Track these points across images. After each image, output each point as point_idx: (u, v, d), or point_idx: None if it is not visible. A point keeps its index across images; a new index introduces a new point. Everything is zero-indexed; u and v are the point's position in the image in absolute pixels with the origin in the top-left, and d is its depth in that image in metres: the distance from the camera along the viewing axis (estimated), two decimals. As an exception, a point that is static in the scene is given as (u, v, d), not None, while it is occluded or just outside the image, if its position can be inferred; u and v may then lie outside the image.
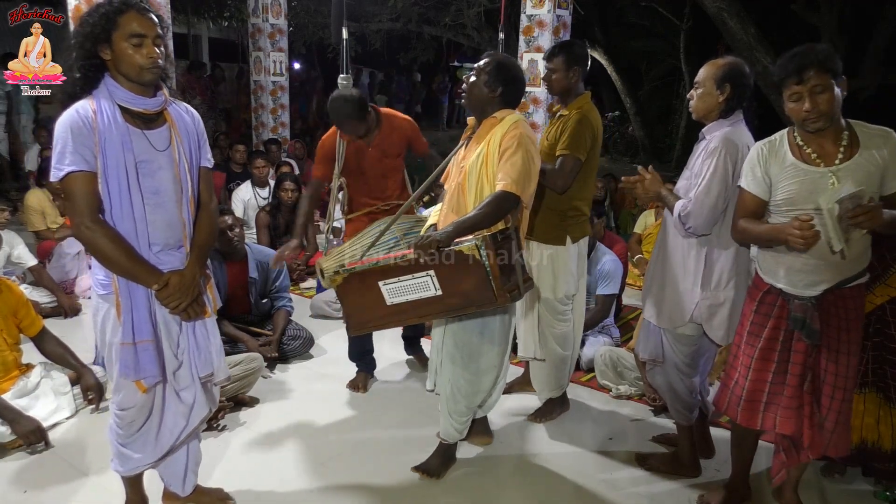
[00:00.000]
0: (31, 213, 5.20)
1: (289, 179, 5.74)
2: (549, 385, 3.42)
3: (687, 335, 2.76)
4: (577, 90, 3.15)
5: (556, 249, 3.18)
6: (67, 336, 3.55)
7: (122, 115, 2.09)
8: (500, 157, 2.54)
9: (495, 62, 2.65)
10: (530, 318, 3.29)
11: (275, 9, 8.18)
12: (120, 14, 2.02)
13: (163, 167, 2.16)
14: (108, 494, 2.66)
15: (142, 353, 2.17)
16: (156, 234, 2.18)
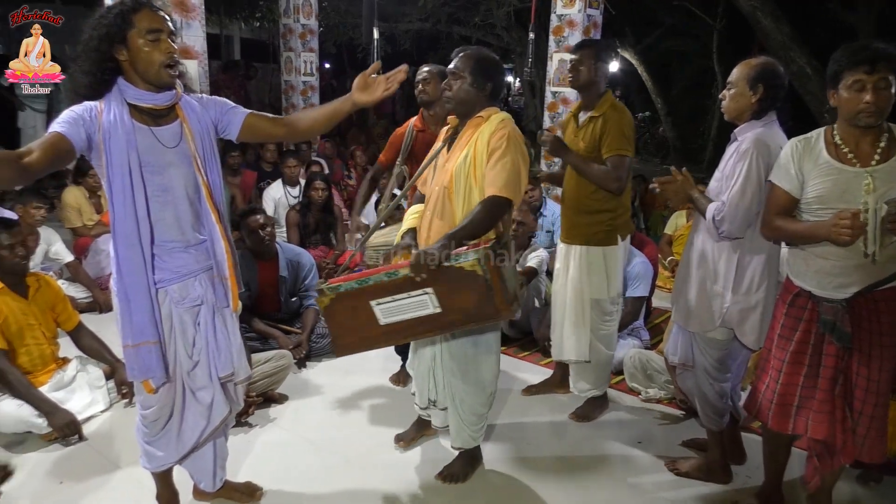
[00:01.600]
0: (68, 211, 5.31)
1: (319, 179, 5.78)
2: (591, 386, 3.42)
3: (717, 339, 2.72)
4: (601, 88, 3.14)
5: (609, 249, 3.18)
6: (102, 331, 3.62)
7: (130, 113, 2.07)
8: (489, 159, 2.46)
9: (475, 59, 2.56)
10: (579, 321, 3.27)
11: (306, 9, 8.24)
12: (134, 13, 2.02)
13: (173, 164, 2.14)
14: (140, 487, 2.71)
15: (144, 354, 2.16)
16: (166, 232, 2.16)
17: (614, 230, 3.17)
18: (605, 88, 3.16)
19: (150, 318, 2.14)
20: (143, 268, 2.11)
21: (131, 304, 2.12)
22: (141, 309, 2.13)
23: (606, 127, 3.04)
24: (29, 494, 2.72)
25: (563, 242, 3.34)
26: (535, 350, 4.25)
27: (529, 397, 3.67)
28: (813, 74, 7.00)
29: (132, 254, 2.09)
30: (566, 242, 3.31)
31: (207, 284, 2.28)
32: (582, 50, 3.12)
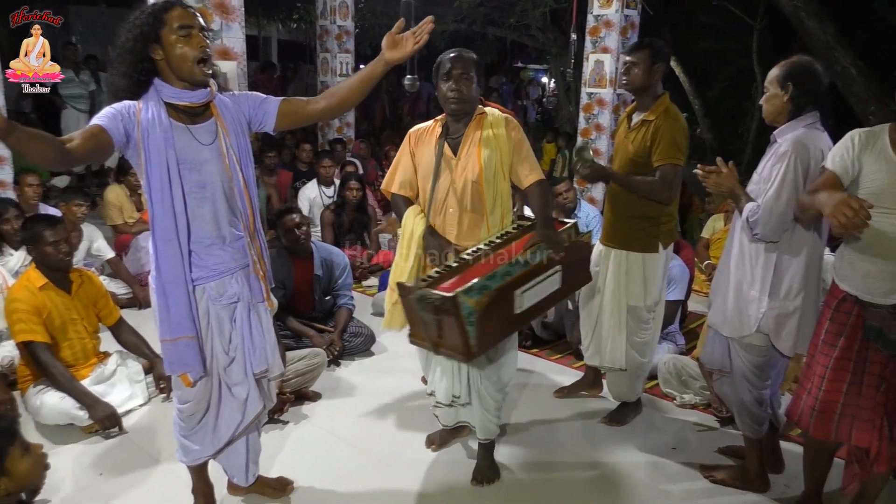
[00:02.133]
0: (110, 208, 5.43)
1: (354, 179, 5.83)
2: (625, 391, 3.38)
3: (755, 345, 2.66)
4: (657, 90, 3.07)
5: (649, 256, 3.11)
6: (141, 326, 3.69)
7: (167, 112, 2.12)
8: (518, 151, 2.69)
9: (475, 61, 2.65)
10: (616, 327, 3.23)
11: (342, 11, 8.31)
12: (166, 11, 2.07)
13: (209, 160, 2.18)
14: (176, 480, 2.75)
15: (182, 348, 2.20)
16: (203, 229, 2.20)
17: (656, 237, 3.10)
18: (661, 91, 3.08)
19: (188, 312, 2.18)
20: (180, 263, 2.15)
21: (169, 300, 2.16)
22: (178, 304, 2.17)
23: (659, 134, 2.95)
24: (70, 485, 2.79)
25: (603, 245, 3.29)
26: (567, 353, 4.22)
27: (561, 400, 3.65)
28: (858, 76, 6.83)
29: (170, 249, 2.13)
30: (605, 245, 3.26)
31: (244, 281, 2.32)
32: (637, 51, 3.04)
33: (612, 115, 6.09)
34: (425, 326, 2.41)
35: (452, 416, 2.95)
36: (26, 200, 4.66)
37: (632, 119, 3.17)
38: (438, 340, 2.41)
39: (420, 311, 2.36)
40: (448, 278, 2.49)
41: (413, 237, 2.71)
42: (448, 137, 2.72)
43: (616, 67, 5.94)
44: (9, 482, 1.84)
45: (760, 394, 2.74)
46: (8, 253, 4.11)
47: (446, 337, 2.36)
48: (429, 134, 2.78)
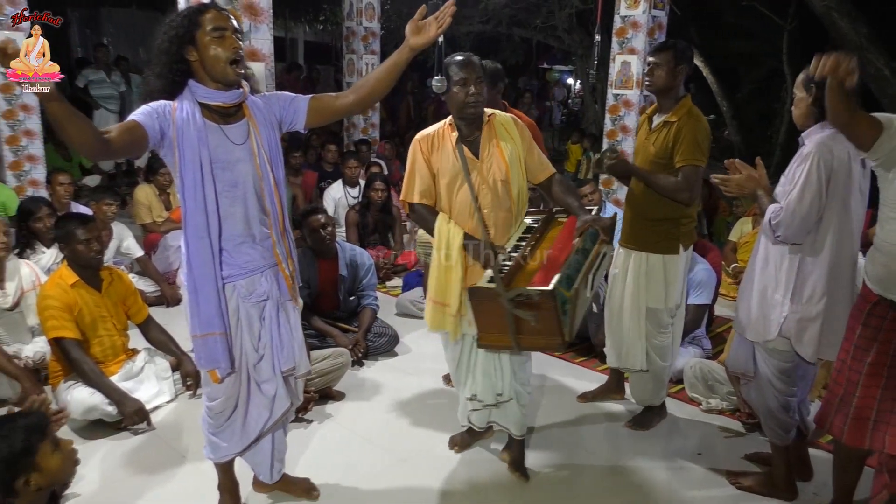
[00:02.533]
0: (139, 207, 5.51)
1: (379, 179, 5.86)
2: (648, 395, 3.35)
3: (779, 350, 2.62)
4: (679, 91, 3.05)
5: (669, 258, 3.10)
6: (169, 324, 3.74)
7: (202, 112, 2.16)
8: (531, 149, 2.80)
9: (482, 65, 2.72)
10: (636, 329, 3.21)
11: (368, 12, 8.35)
12: (200, 14, 2.12)
13: (241, 160, 2.22)
14: (203, 476, 2.78)
15: (211, 345, 2.24)
16: (234, 227, 2.23)
17: (676, 239, 3.09)
18: (683, 93, 3.07)
19: (217, 309, 2.22)
20: (211, 260, 2.19)
21: (199, 296, 2.20)
22: (208, 300, 2.20)
23: (681, 135, 2.94)
24: (98, 480, 2.83)
25: (622, 247, 3.27)
26: (591, 356, 4.19)
27: (584, 403, 3.62)
28: (891, 77, 6.70)
29: (201, 247, 2.17)
30: (625, 247, 3.25)
31: (273, 279, 2.35)
32: (660, 52, 3.03)
33: (639, 117, 6.03)
34: (511, 325, 2.41)
35: (485, 417, 2.98)
36: (58, 199, 4.75)
37: (653, 120, 3.15)
38: (523, 337, 2.44)
39: (514, 309, 2.36)
40: (517, 275, 2.55)
41: (453, 244, 2.70)
42: (464, 141, 2.73)
43: (643, 69, 5.89)
44: (40, 477, 1.87)
45: (787, 400, 2.70)
46: (40, 250, 4.19)
47: (539, 331, 2.39)
48: (441, 140, 2.76)
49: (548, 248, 2.71)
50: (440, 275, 2.74)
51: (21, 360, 3.43)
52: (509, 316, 2.39)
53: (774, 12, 10.53)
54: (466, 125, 2.72)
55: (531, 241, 2.75)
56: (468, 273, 2.69)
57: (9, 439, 1.83)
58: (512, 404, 2.89)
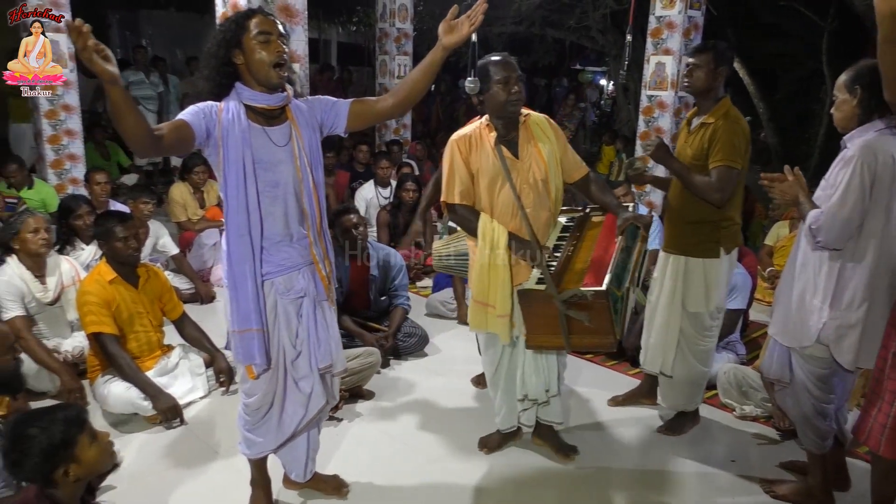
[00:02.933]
0: (174, 205, 5.61)
1: (410, 180, 5.88)
2: (682, 401, 3.31)
3: (816, 357, 2.56)
4: (718, 93, 3.01)
5: (710, 262, 3.05)
6: (202, 321, 3.80)
7: (247, 114, 2.22)
8: (565, 149, 2.83)
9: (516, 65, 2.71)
10: (670, 333, 3.18)
11: (401, 13, 8.39)
12: (248, 19, 2.18)
13: (283, 161, 2.26)
14: (235, 472, 2.82)
15: (248, 340, 2.28)
16: (274, 226, 2.28)
17: (717, 242, 3.03)
18: (722, 94, 3.02)
19: (255, 306, 2.26)
20: (251, 258, 2.23)
21: (238, 293, 2.25)
22: (247, 297, 2.25)
23: (717, 135, 2.90)
24: (132, 472, 2.88)
25: (664, 251, 3.24)
26: (623, 360, 4.15)
27: (615, 407, 3.59)
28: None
29: (242, 244, 2.22)
30: (666, 251, 3.21)
31: (310, 278, 2.39)
32: (700, 54, 2.99)
33: (673, 119, 5.97)
34: (563, 325, 2.45)
35: (534, 415, 3.04)
36: (96, 198, 4.85)
37: (692, 123, 3.11)
38: (574, 336, 2.48)
39: (566, 309, 2.40)
40: (563, 277, 2.58)
41: (498, 244, 2.70)
42: (502, 141, 2.74)
43: (678, 70, 5.82)
44: (78, 468, 1.92)
45: (824, 407, 2.63)
46: (80, 247, 4.29)
47: (592, 330, 2.44)
48: (478, 139, 2.77)
49: (591, 248, 2.74)
50: (484, 275, 2.74)
51: (60, 354, 3.51)
52: (562, 317, 2.42)
53: (814, 12, 10.32)
54: (504, 125, 2.73)
55: (572, 240, 2.77)
56: (514, 273, 2.71)
57: (49, 431, 1.88)
58: (556, 398, 2.99)
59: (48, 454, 1.87)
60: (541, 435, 3.13)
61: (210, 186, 5.78)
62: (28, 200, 5.19)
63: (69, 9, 5.55)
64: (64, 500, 1.92)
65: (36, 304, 3.54)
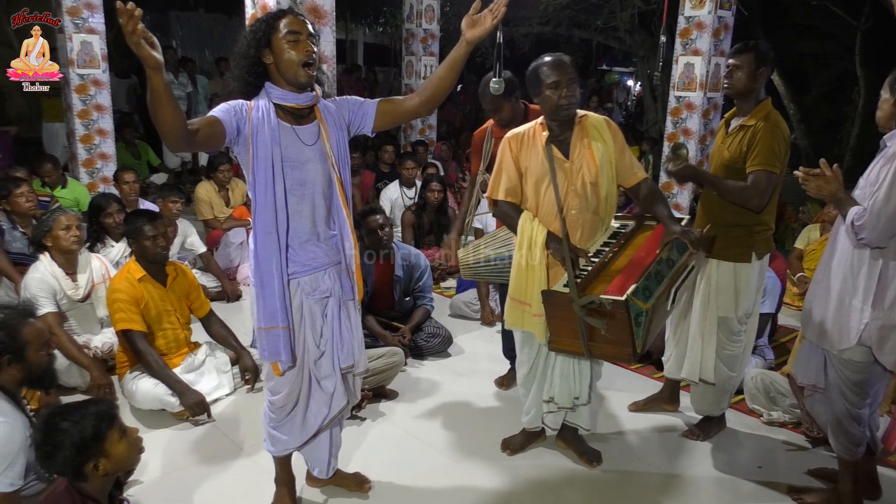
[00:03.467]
0: (200, 204, 5.68)
1: (435, 181, 5.88)
2: (709, 405, 3.27)
3: (854, 361, 2.51)
4: (759, 95, 2.96)
5: (739, 266, 3.01)
6: (229, 319, 3.84)
7: (276, 112, 2.23)
8: (622, 152, 2.77)
9: (573, 63, 2.71)
10: (702, 338, 3.14)
11: (428, 14, 8.41)
12: (278, 19, 2.20)
13: (310, 160, 2.28)
14: (259, 470, 2.85)
15: (273, 338, 2.30)
16: (301, 225, 2.30)
17: (749, 247, 2.98)
18: (763, 96, 2.97)
19: (281, 304, 2.28)
20: (277, 256, 2.25)
21: (265, 290, 2.27)
22: (273, 294, 2.27)
23: (756, 139, 2.85)
24: (159, 468, 2.93)
25: None
26: (647, 363, 4.12)
27: (639, 415, 3.55)
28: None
29: (269, 242, 2.24)
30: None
31: (336, 278, 2.41)
32: (741, 54, 2.92)
33: (702, 120, 5.90)
34: (582, 331, 2.43)
35: (561, 419, 3.01)
36: (125, 196, 4.92)
37: (730, 124, 3.06)
38: (594, 345, 2.46)
39: (585, 316, 2.38)
40: (594, 281, 2.55)
41: (536, 244, 2.71)
42: (555, 141, 2.74)
43: (707, 71, 5.76)
44: (107, 463, 1.95)
45: (858, 412, 2.58)
46: (110, 244, 4.36)
47: (611, 340, 2.39)
48: (531, 138, 2.77)
49: (631, 255, 2.69)
50: (521, 273, 2.75)
51: (90, 350, 3.57)
52: (581, 323, 2.39)
53: (847, 11, 10.13)
54: (558, 126, 2.74)
55: (615, 245, 2.73)
56: (551, 274, 2.70)
57: (80, 425, 1.92)
58: (586, 406, 2.95)
59: (79, 448, 1.91)
60: (565, 438, 3.11)
61: (235, 185, 5.84)
62: (61, 199, 5.29)
63: (102, 10, 5.65)
64: (93, 493, 1.96)
65: (67, 301, 3.61)
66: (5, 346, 2.22)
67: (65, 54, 5.60)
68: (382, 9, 12.82)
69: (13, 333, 2.25)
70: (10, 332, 2.24)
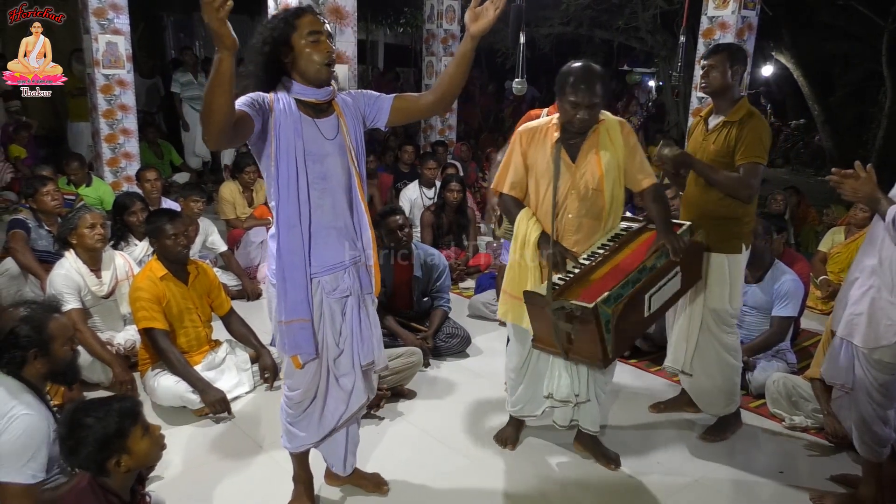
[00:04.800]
0: (224, 204, 5.73)
1: (455, 181, 5.88)
2: (722, 400, 3.25)
3: (885, 362, 2.48)
4: (735, 93, 3.05)
5: (733, 257, 3.06)
6: (249, 318, 3.86)
7: (297, 105, 2.25)
8: (634, 156, 2.74)
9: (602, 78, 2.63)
10: (690, 329, 3.17)
11: (449, 15, 8.41)
12: (297, 17, 2.20)
13: (331, 154, 2.30)
14: (278, 467, 2.87)
15: (297, 330, 2.31)
16: (321, 218, 2.30)
17: (739, 238, 3.05)
18: (739, 94, 3.07)
19: (304, 296, 2.30)
20: (301, 248, 2.27)
21: (287, 283, 2.28)
22: (296, 287, 2.28)
23: (744, 132, 2.94)
24: (180, 464, 2.96)
25: None
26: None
27: (657, 414, 3.53)
28: None
29: (292, 235, 2.26)
30: None
31: (355, 276, 2.42)
32: (715, 55, 3.04)
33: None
34: (558, 334, 2.47)
35: (569, 415, 3.02)
36: (147, 195, 4.98)
37: (709, 122, 3.13)
38: (571, 347, 2.49)
39: (556, 320, 2.42)
40: (575, 285, 2.57)
41: (528, 243, 2.74)
42: (565, 143, 2.73)
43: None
44: (129, 459, 1.97)
45: (885, 413, 2.55)
46: (133, 243, 4.41)
47: (582, 344, 2.45)
48: (543, 136, 2.77)
49: (620, 260, 2.69)
50: (514, 269, 2.79)
51: (113, 346, 3.62)
52: (555, 325, 2.43)
53: (874, 11, 9.97)
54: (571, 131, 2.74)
55: (610, 249, 2.73)
56: (545, 272, 2.70)
57: (104, 421, 1.94)
58: (591, 404, 2.93)
59: (103, 444, 1.93)
60: (582, 442, 3.10)
61: (259, 186, 5.89)
62: (86, 197, 5.37)
63: (127, 11, 5.72)
64: (115, 488, 1.98)
65: (91, 298, 3.66)
66: (32, 340, 2.26)
67: (90, 55, 5.68)
68: (403, 9, 12.84)
69: (40, 328, 2.28)
70: (36, 327, 2.28)
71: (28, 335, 2.25)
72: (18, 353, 2.24)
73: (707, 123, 3.14)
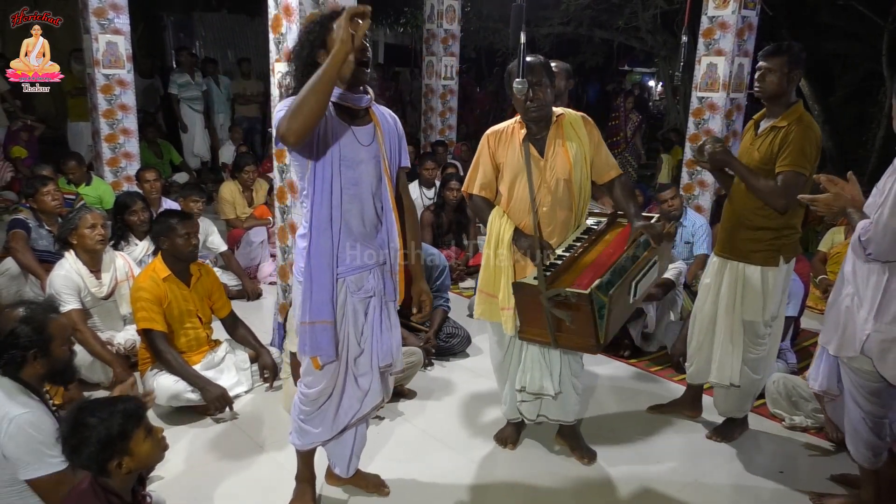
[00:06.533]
0: (224, 204, 5.73)
1: (454, 180, 5.88)
2: (733, 408, 3.26)
3: (864, 370, 2.46)
4: (791, 98, 2.93)
5: (769, 270, 2.98)
6: (248, 317, 3.87)
7: (335, 110, 2.27)
8: (598, 149, 2.84)
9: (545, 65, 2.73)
10: (729, 343, 3.12)
11: (449, 15, 8.40)
12: (332, 20, 2.21)
13: (364, 161, 2.32)
14: (279, 467, 2.87)
15: (319, 332, 2.32)
16: (351, 223, 2.33)
17: (777, 250, 2.96)
18: (794, 99, 2.94)
19: (330, 299, 2.32)
20: (330, 252, 2.30)
21: (314, 285, 2.30)
22: (322, 289, 2.31)
23: (788, 140, 2.82)
24: (180, 465, 2.96)
25: (718, 256, 3.16)
26: (667, 365, 4.09)
27: (658, 415, 3.52)
28: None
29: (323, 238, 2.28)
30: (722, 256, 3.13)
31: (379, 278, 2.45)
32: (773, 57, 2.88)
33: (724, 120, 5.83)
34: (549, 322, 2.53)
35: (536, 409, 3.04)
36: (147, 195, 4.97)
37: (759, 126, 3.03)
38: (561, 335, 2.55)
39: (551, 308, 2.47)
40: (563, 274, 2.64)
41: (503, 239, 2.82)
42: (531, 139, 2.80)
43: (730, 71, 5.70)
44: (131, 461, 1.97)
45: (878, 421, 2.54)
46: (133, 243, 4.40)
47: (575, 331, 2.51)
48: (509, 136, 2.85)
49: (601, 251, 2.79)
50: (489, 268, 2.88)
51: (113, 346, 3.62)
52: (548, 314, 2.49)
53: (874, 11, 9.97)
54: (535, 124, 2.79)
55: (586, 242, 2.81)
56: (517, 268, 2.80)
57: (107, 423, 1.94)
58: (566, 396, 2.97)
59: (105, 445, 1.92)
60: (562, 434, 3.14)
61: (259, 185, 5.88)
62: (86, 197, 5.36)
63: (127, 11, 5.71)
64: (116, 489, 1.98)
65: (91, 298, 3.66)
66: (32, 340, 2.25)
67: (90, 55, 5.67)
68: (403, 9, 12.83)
69: (40, 328, 2.28)
70: (36, 327, 2.27)
71: (28, 335, 2.25)
72: (18, 354, 2.24)
73: (757, 128, 3.04)
